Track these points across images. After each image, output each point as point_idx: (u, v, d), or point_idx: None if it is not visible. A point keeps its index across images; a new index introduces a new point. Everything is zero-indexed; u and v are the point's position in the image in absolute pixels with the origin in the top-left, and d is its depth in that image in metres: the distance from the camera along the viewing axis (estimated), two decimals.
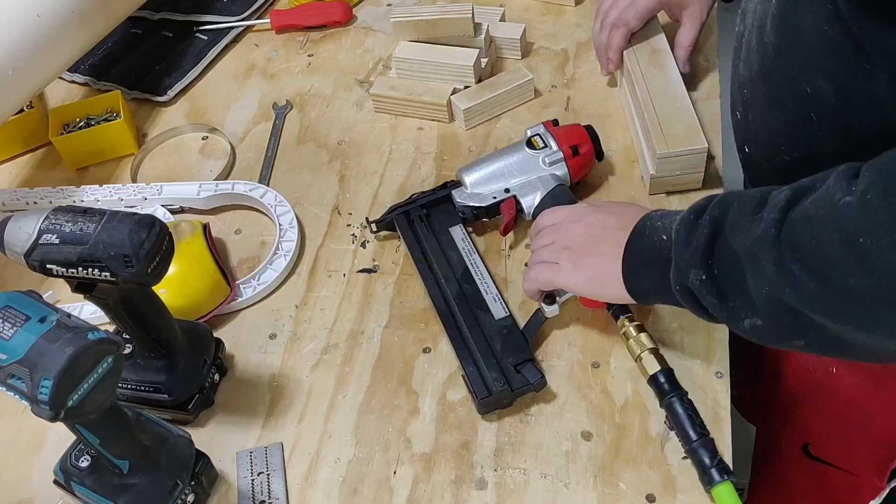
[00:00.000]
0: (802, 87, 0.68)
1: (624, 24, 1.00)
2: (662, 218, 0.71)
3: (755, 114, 0.78)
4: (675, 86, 0.96)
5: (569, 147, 0.90)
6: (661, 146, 0.89)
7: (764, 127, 0.76)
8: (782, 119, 0.73)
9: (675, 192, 0.93)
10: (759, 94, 0.75)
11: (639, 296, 0.72)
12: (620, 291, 0.73)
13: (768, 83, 0.73)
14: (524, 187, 0.89)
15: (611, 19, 1.01)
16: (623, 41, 1.00)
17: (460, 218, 0.90)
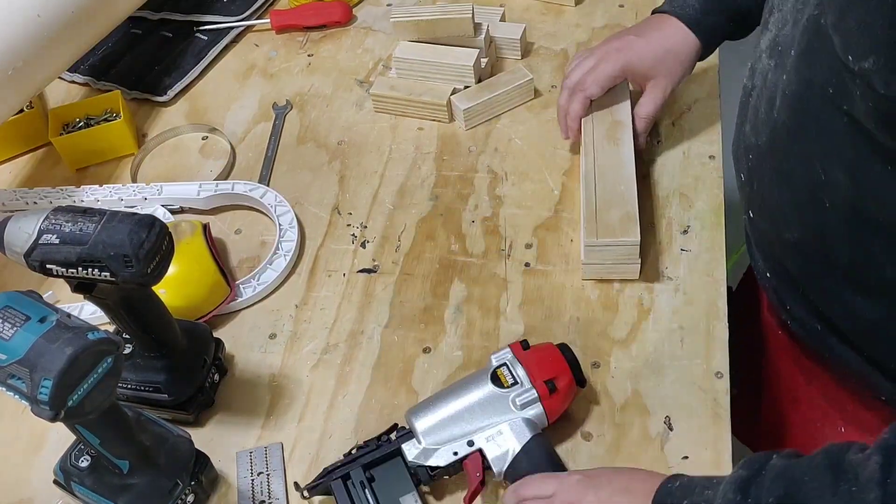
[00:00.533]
0: (816, 172, 0.64)
1: (582, 91, 0.94)
2: (687, 492, 0.61)
3: (761, 185, 0.74)
4: (625, 164, 0.90)
5: (543, 383, 0.74)
6: (591, 234, 0.84)
7: (770, 199, 0.73)
8: (790, 198, 0.69)
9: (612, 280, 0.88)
10: (767, 167, 0.71)
11: None
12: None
13: (778, 159, 0.69)
14: (492, 437, 0.73)
15: (570, 82, 0.95)
16: (581, 108, 0.95)
17: (413, 480, 0.73)
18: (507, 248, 0.92)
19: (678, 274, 0.87)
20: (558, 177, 0.98)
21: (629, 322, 0.84)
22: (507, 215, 0.95)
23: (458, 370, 0.82)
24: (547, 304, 0.87)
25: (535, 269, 0.90)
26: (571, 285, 0.88)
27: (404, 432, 0.74)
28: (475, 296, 0.88)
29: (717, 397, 0.78)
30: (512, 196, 0.97)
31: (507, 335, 0.85)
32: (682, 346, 0.82)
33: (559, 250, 0.91)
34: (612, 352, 0.82)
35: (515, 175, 0.99)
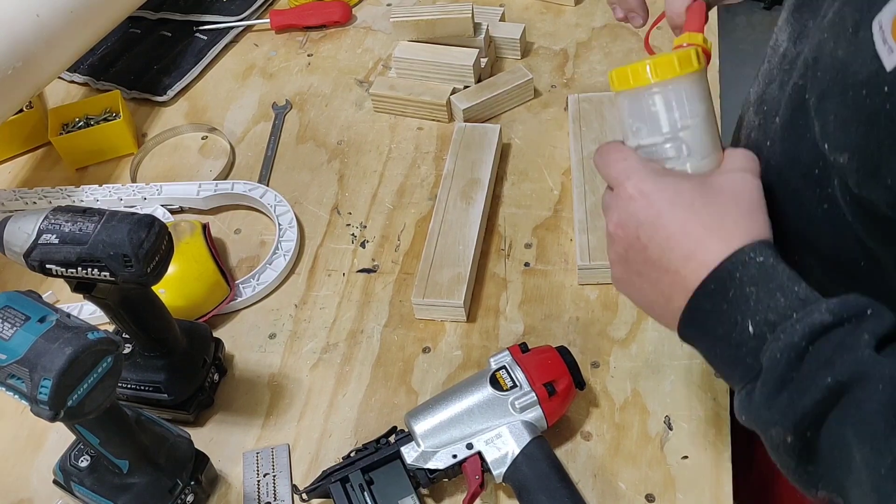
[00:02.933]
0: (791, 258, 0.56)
1: None
2: (758, 282, 0.52)
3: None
4: (470, 224, 0.90)
5: (542, 385, 0.73)
6: (419, 293, 0.85)
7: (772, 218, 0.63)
8: (784, 225, 0.60)
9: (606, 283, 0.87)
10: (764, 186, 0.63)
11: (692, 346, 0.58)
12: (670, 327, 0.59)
13: (771, 191, 0.60)
14: (491, 440, 0.72)
15: None
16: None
17: (412, 483, 0.73)
18: (506, 247, 0.92)
19: None
20: (558, 176, 0.98)
21: (629, 322, 0.84)
22: (506, 215, 0.95)
23: (458, 370, 0.83)
24: (546, 303, 0.87)
25: (534, 268, 0.90)
26: (571, 285, 0.88)
27: (403, 435, 0.74)
28: (475, 295, 0.88)
29: (717, 397, 0.78)
30: (511, 196, 0.97)
31: (506, 335, 0.85)
32: (681, 345, 0.81)
33: (559, 250, 0.91)
34: (611, 352, 0.82)
35: (515, 175, 0.99)
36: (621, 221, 0.59)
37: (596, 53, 1.12)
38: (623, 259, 0.60)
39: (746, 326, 0.52)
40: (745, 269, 0.53)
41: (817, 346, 0.49)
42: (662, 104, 0.59)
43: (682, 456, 0.74)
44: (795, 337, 0.49)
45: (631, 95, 0.59)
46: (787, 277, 0.52)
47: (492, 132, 1.00)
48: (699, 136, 0.59)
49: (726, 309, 0.53)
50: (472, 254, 0.88)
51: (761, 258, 0.53)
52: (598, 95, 1.02)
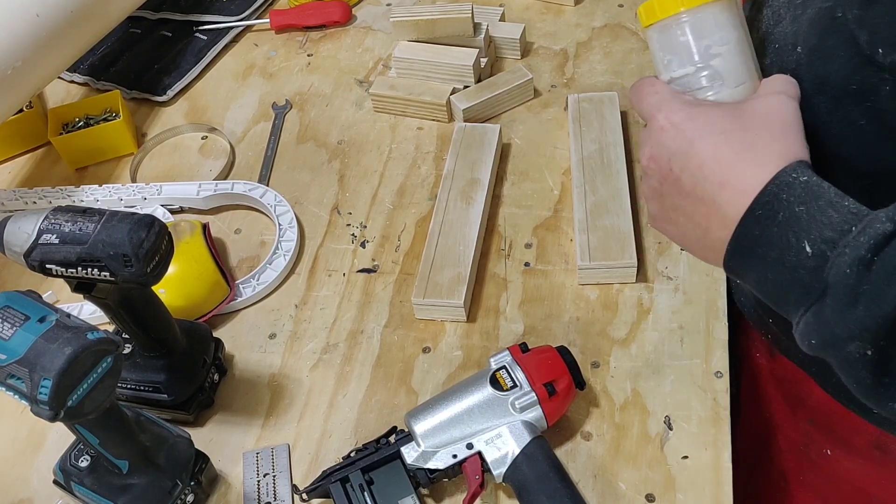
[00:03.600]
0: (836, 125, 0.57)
1: None
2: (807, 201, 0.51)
3: None
4: (470, 224, 0.90)
5: (542, 385, 0.73)
6: (419, 294, 0.85)
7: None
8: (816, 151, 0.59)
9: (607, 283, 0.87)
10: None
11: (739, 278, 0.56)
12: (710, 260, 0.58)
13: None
14: (491, 440, 0.72)
15: None
16: None
17: (412, 483, 0.73)
18: (506, 247, 0.92)
19: (678, 274, 0.87)
20: (558, 176, 0.98)
21: (629, 322, 0.84)
22: (506, 215, 0.95)
23: (458, 370, 0.82)
24: (546, 303, 0.87)
25: (534, 268, 0.90)
26: (571, 285, 0.88)
27: (403, 435, 0.74)
28: (475, 295, 0.88)
29: (716, 397, 0.78)
30: (511, 196, 0.97)
31: (506, 335, 0.85)
32: (681, 345, 0.82)
33: (559, 250, 0.91)
34: (611, 351, 0.82)
35: (515, 175, 0.99)
36: (654, 154, 0.58)
37: (596, 53, 1.12)
38: (658, 193, 0.59)
39: (803, 246, 0.50)
40: (791, 189, 0.52)
41: (884, 255, 0.48)
42: (691, 33, 0.59)
43: (682, 456, 0.74)
44: (861, 249, 0.48)
45: (660, 28, 0.60)
46: (835, 193, 0.51)
47: (492, 132, 1.00)
48: (731, 63, 0.59)
49: (777, 232, 0.51)
50: (472, 254, 0.88)
51: (804, 177, 0.52)
52: (598, 95, 1.02)
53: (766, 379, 0.87)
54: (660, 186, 0.59)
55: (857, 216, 0.50)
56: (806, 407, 0.82)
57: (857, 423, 0.76)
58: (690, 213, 0.57)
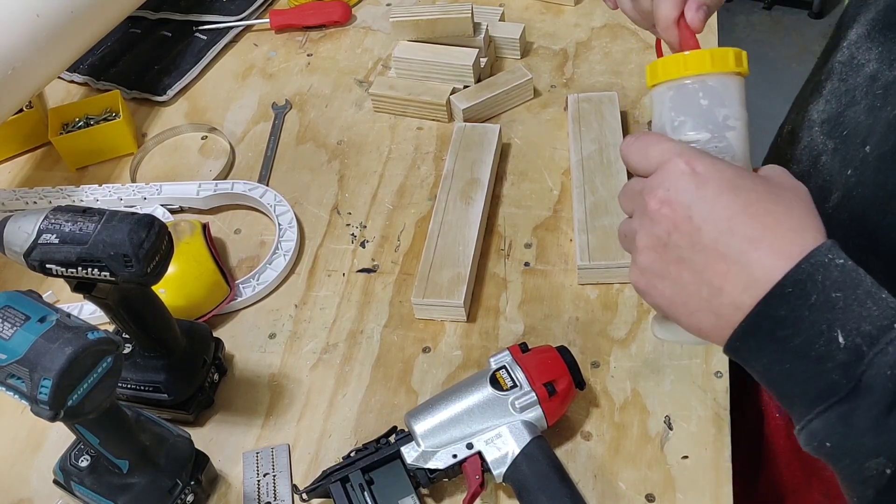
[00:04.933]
0: None
1: None
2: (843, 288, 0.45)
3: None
4: (470, 224, 0.90)
5: (542, 385, 0.73)
6: (419, 293, 0.85)
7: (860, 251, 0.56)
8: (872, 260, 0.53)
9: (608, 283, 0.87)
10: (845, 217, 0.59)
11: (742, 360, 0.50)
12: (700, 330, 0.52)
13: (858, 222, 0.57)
14: (491, 440, 0.72)
15: None
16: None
17: (412, 483, 0.73)
18: (506, 247, 0.92)
19: None
20: (557, 176, 0.98)
21: (628, 321, 0.84)
22: (506, 215, 0.95)
23: (458, 370, 0.83)
24: (546, 303, 0.87)
25: (534, 268, 0.90)
26: (571, 285, 0.88)
27: (403, 435, 0.74)
28: (474, 295, 0.88)
29: (716, 397, 0.78)
30: (511, 196, 0.97)
31: (506, 335, 0.85)
32: (681, 345, 0.82)
33: (558, 250, 0.91)
34: (611, 351, 0.82)
35: (514, 175, 0.99)
36: (669, 198, 0.50)
37: (595, 53, 1.12)
38: (661, 244, 0.52)
39: (835, 336, 0.44)
40: (827, 271, 0.46)
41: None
42: (713, 98, 0.55)
43: (682, 456, 0.74)
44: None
45: (678, 86, 0.56)
46: (871, 283, 0.46)
47: (491, 132, 1.00)
48: (741, 141, 0.55)
49: (808, 316, 0.45)
50: (472, 254, 0.88)
51: (841, 260, 0.46)
52: (598, 95, 1.02)
53: (784, 443, 0.83)
54: (667, 236, 0.51)
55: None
56: (821, 478, 0.79)
57: None
58: (701, 270, 0.50)
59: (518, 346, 0.77)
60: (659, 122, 0.58)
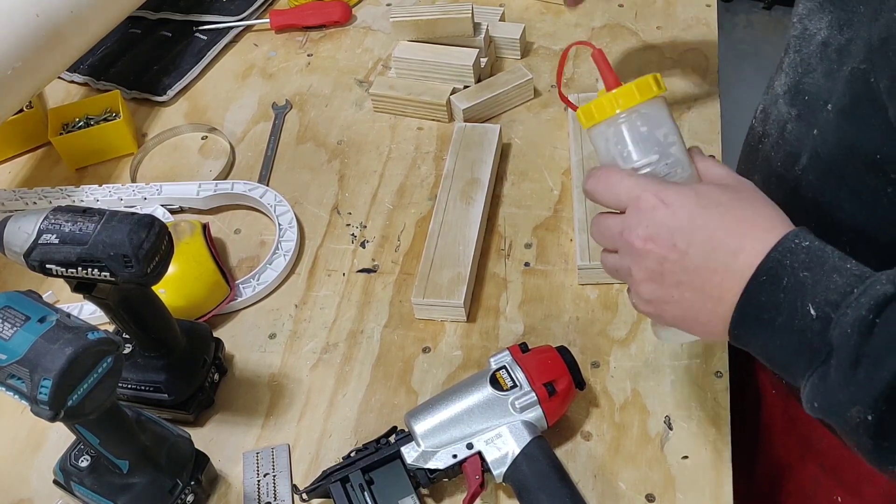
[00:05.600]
0: (841, 243, 0.55)
1: None
2: (811, 266, 0.51)
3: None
4: (470, 224, 0.90)
5: (542, 385, 0.73)
6: (419, 293, 0.85)
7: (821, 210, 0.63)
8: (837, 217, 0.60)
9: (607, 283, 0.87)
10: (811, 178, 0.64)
11: (745, 346, 0.56)
12: (715, 334, 0.57)
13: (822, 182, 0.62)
14: (491, 440, 0.72)
15: None
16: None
17: (412, 483, 0.73)
18: (506, 247, 0.92)
19: None
20: (558, 176, 0.98)
21: (628, 321, 0.84)
22: (506, 215, 0.95)
23: (458, 370, 0.83)
24: (546, 303, 0.87)
25: (534, 268, 0.90)
26: (571, 285, 0.88)
27: (403, 435, 0.74)
28: (474, 295, 0.88)
29: (716, 397, 0.78)
30: (511, 196, 0.97)
31: (506, 335, 0.85)
32: (681, 345, 0.82)
33: (559, 250, 0.91)
34: (611, 351, 0.82)
35: (515, 175, 0.99)
36: (651, 234, 0.56)
37: None
38: (656, 275, 0.57)
39: (808, 311, 0.50)
40: (794, 255, 0.52)
41: (885, 316, 0.48)
42: (650, 123, 0.60)
43: (682, 456, 0.74)
44: (862, 310, 0.48)
45: (614, 122, 0.61)
46: (839, 257, 0.51)
47: (492, 132, 1.00)
48: (682, 151, 0.61)
49: (783, 298, 0.51)
50: (472, 254, 0.88)
51: (807, 242, 0.52)
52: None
53: (780, 419, 0.86)
54: (659, 267, 0.56)
55: (860, 278, 0.50)
56: (816, 450, 0.81)
57: (868, 472, 0.73)
58: (699, 287, 0.55)
59: (518, 346, 0.77)
60: (607, 156, 0.62)
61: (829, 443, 0.77)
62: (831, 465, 0.80)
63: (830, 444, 0.77)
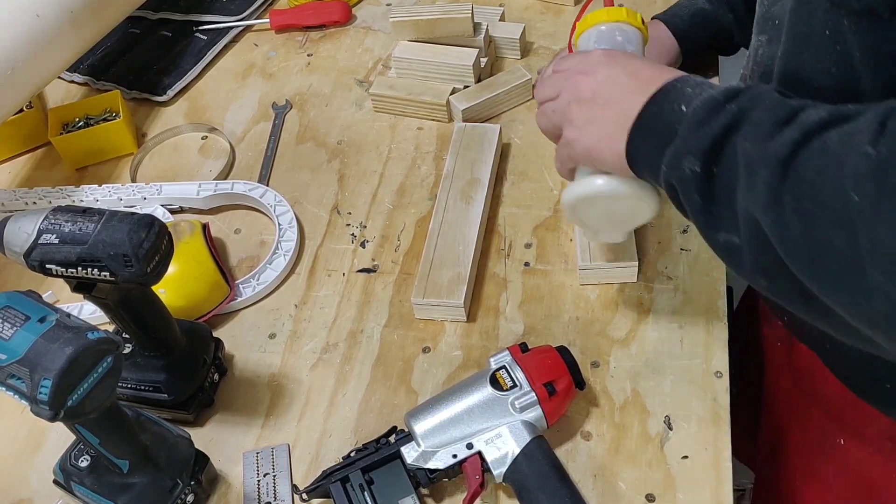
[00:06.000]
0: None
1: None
2: (697, 86, 0.61)
3: None
4: (470, 224, 0.90)
5: (542, 385, 0.73)
6: (419, 293, 0.85)
7: None
8: None
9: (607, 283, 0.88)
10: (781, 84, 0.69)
11: (632, 160, 0.64)
12: (619, 158, 0.65)
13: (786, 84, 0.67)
14: (491, 440, 0.72)
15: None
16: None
17: (412, 483, 0.73)
18: (506, 247, 0.92)
19: (678, 274, 0.87)
20: (558, 176, 0.98)
21: (629, 321, 0.84)
22: (506, 215, 0.95)
23: (458, 370, 0.83)
24: (546, 303, 0.87)
25: (534, 268, 0.90)
26: (571, 285, 0.88)
27: (403, 435, 0.74)
28: (474, 295, 0.88)
29: (716, 397, 0.78)
30: (511, 195, 0.97)
31: (506, 335, 0.85)
32: (681, 345, 0.82)
33: (559, 250, 0.91)
34: (611, 351, 0.82)
35: (515, 174, 0.99)
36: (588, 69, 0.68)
37: None
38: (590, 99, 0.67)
39: (682, 108, 0.59)
40: (686, 81, 0.62)
41: (733, 100, 0.57)
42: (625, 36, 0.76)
43: (682, 456, 0.74)
44: (715, 93, 0.58)
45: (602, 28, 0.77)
46: (723, 87, 0.59)
47: (492, 132, 1.00)
48: None
49: (667, 105, 0.61)
50: (472, 254, 0.88)
51: (699, 78, 0.62)
52: None
53: (786, 372, 0.89)
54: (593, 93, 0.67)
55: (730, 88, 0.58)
56: (821, 396, 0.84)
57: (870, 413, 0.78)
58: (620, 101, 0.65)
59: (518, 346, 0.77)
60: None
61: (832, 387, 0.80)
62: (835, 409, 0.82)
63: (833, 388, 0.80)
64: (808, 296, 0.53)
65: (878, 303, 0.48)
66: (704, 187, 0.57)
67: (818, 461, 0.88)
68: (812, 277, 0.51)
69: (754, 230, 0.54)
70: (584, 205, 0.72)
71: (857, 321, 0.51)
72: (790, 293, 0.55)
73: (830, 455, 0.86)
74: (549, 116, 0.71)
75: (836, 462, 0.86)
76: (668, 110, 0.60)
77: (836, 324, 0.55)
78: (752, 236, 0.54)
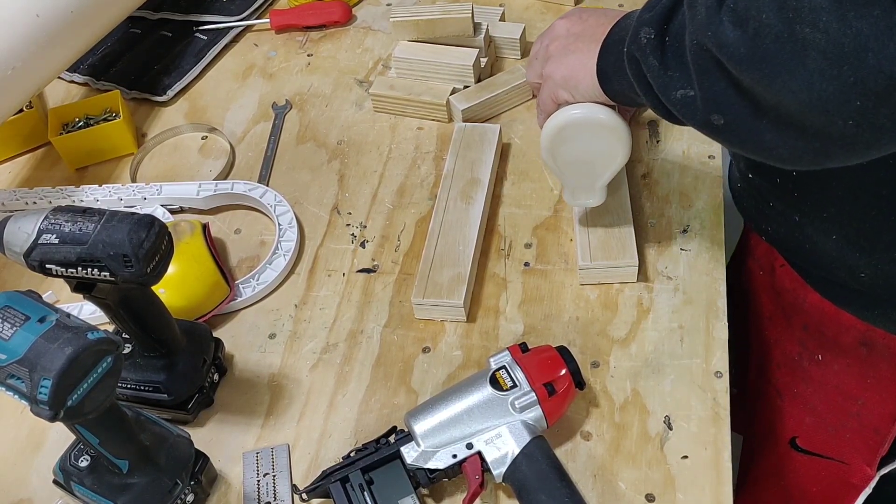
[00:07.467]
0: None
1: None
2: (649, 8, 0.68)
3: None
4: (470, 224, 0.91)
5: (542, 385, 0.73)
6: (419, 293, 0.85)
7: None
8: None
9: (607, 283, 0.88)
10: None
11: (604, 77, 0.72)
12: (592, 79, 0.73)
13: None
14: (491, 440, 0.72)
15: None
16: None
17: (412, 483, 0.73)
18: (506, 247, 0.92)
19: (678, 273, 0.87)
20: None
21: (629, 321, 0.84)
22: (506, 215, 0.95)
23: (458, 370, 0.83)
24: (546, 303, 0.87)
25: (534, 268, 0.90)
26: (571, 285, 0.88)
27: (403, 435, 0.74)
28: (474, 295, 0.88)
29: (716, 397, 0.78)
30: (511, 195, 0.97)
31: (506, 335, 0.85)
32: (681, 345, 0.82)
33: (558, 250, 0.91)
34: (611, 351, 0.82)
35: (515, 174, 0.99)
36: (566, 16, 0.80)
37: None
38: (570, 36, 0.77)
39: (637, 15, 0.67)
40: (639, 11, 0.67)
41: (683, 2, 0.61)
42: None
43: (682, 456, 0.74)
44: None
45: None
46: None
47: (492, 132, 1.00)
48: None
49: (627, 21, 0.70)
50: (472, 254, 0.88)
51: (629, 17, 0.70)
52: None
53: (767, 294, 0.92)
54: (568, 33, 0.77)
55: None
56: (801, 313, 0.87)
57: (846, 321, 0.82)
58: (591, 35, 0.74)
59: (518, 346, 0.77)
60: None
61: (812, 302, 0.85)
62: (815, 323, 0.87)
63: (813, 303, 0.85)
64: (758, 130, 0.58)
65: (813, 62, 0.51)
66: (659, 50, 0.63)
67: (798, 380, 0.92)
68: (756, 69, 0.54)
69: (703, 62, 0.59)
70: (562, 139, 0.78)
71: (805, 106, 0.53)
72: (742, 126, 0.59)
73: (810, 372, 0.89)
74: (534, 66, 0.81)
75: (815, 380, 0.89)
76: (626, 24, 0.69)
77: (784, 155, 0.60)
78: (701, 71, 0.59)
